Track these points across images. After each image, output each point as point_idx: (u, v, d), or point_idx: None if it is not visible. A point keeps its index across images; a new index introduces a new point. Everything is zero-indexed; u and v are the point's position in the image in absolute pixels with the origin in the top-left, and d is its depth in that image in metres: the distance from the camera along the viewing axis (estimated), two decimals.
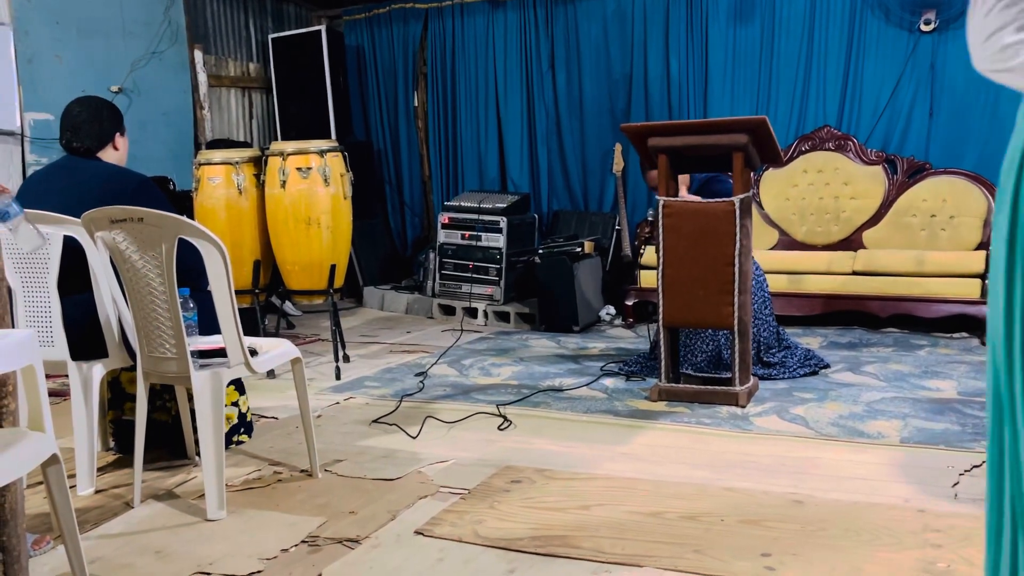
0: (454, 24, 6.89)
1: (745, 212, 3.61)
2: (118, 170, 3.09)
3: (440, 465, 3.02)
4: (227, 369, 2.66)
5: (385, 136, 7.33)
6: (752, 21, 5.90)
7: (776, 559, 2.22)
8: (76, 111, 3.07)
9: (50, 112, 5.27)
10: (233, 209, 4.49)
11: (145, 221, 2.54)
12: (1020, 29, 1.22)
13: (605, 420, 3.52)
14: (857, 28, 5.63)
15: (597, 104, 6.45)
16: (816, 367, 4.13)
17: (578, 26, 6.44)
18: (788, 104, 5.87)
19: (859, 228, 5.53)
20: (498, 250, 5.89)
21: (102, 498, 2.81)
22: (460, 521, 2.51)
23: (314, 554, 2.34)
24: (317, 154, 4.45)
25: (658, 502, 2.62)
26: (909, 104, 5.54)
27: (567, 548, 2.31)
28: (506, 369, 4.44)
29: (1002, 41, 1.24)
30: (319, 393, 4.03)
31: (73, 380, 2.84)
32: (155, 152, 5.97)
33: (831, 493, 2.65)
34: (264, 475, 2.98)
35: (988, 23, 1.25)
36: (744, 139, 3.58)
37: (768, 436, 3.24)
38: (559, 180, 6.69)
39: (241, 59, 7.03)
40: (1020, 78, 1.24)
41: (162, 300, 2.59)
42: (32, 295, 2.84)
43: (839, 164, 5.62)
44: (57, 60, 5.49)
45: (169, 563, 2.32)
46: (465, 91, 6.91)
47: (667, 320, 3.73)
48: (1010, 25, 1.23)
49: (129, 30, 5.96)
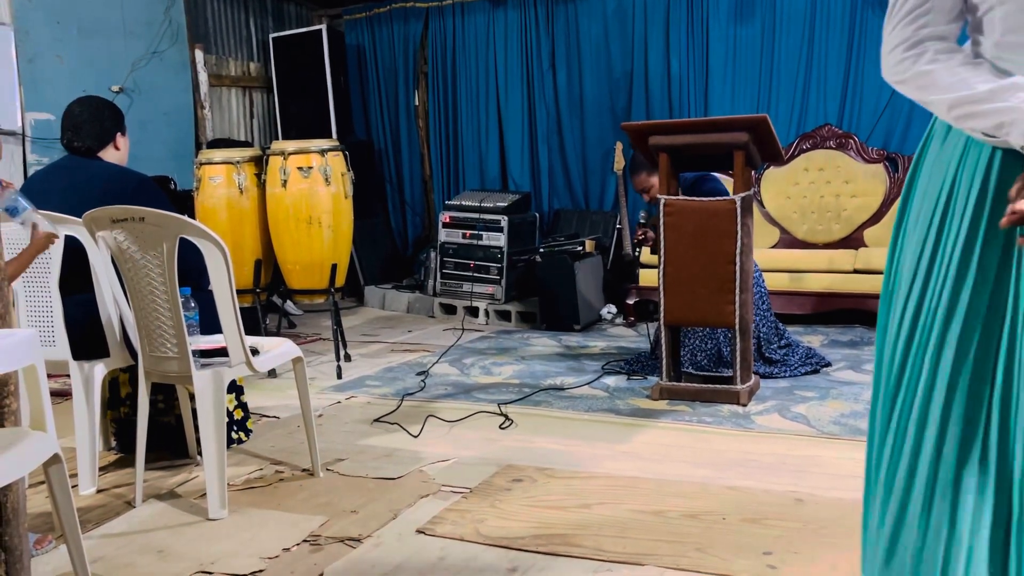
0: (455, 23, 6.89)
1: (746, 210, 3.61)
2: (119, 170, 3.09)
3: (441, 464, 3.02)
4: (228, 368, 2.67)
5: (386, 135, 7.33)
6: (753, 19, 5.90)
7: (777, 557, 2.22)
8: (77, 111, 3.07)
9: (51, 112, 5.27)
10: (234, 208, 4.49)
11: (146, 220, 2.54)
12: (912, 46, 1.39)
13: (606, 419, 3.52)
14: (858, 26, 5.62)
15: (598, 103, 6.45)
16: (817, 365, 4.13)
17: (579, 25, 6.44)
18: (789, 102, 5.86)
19: (860, 226, 5.52)
20: (499, 249, 5.89)
21: (104, 497, 2.81)
22: (461, 520, 2.51)
23: (316, 553, 2.34)
24: (318, 153, 4.45)
25: (660, 501, 2.62)
26: (910, 102, 5.42)
27: (568, 547, 2.32)
28: (507, 368, 4.44)
29: (898, 55, 1.41)
30: (320, 392, 4.03)
31: (75, 380, 2.85)
32: (156, 152, 5.97)
33: (832, 491, 2.65)
34: (266, 474, 2.98)
35: (892, 38, 1.42)
36: (745, 137, 3.58)
37: (769, 434, 3.24)
38: (560, 179, 6.69)
39: (242, 58, 7.03)
40: (911, 89, 1.42)
41: (163, 299, 2.59)
42: (34, 295, 2.84)
43: (840, 162, 5.61)
44: (58, 60, 5.49)
45: (171, 562, 2.32)
46: (466, 90, 6.91)
47: (668, 319, 3.73)
48: (906, 42, 1.39)
49: (130, 30, 5.96)
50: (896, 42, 1.40)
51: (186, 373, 2.63)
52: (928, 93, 1.39)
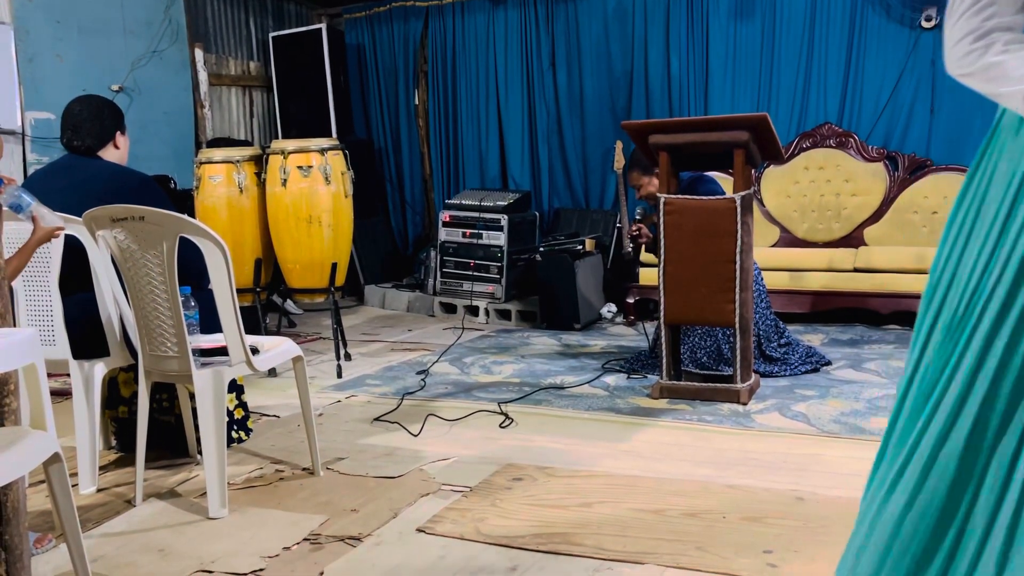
0: (455, 22, 6.89)
1: (746, 209, 3.61)
2: (119, 169, 3.09)
3: (442, 463, 3.02)
4: (229, 367, 2.67)
5: (386, 134, 7.33)
6: (753, 18, 5.90)
7: (778, 556, 2.22)
8: (77, 110, 3.07)
9: (51, 111, 5.27)
10: (234, 208, 4.49)
11: (146, 220, 2.54)
12: (979, 37, 1.35)
13: (607, 418, 3.52)
14: (858, 25, 5.62)
15: (598, 102, 6.45)
16: (817, 364, 4.13)
17: (579, 24, 6.44)
18: (789, 101, 5.86)
19: (860, 225, 5.52)
20: (499, 248, 5.89)
21: (104, 497, 2.81)
22: (462, 519, 2.51)
23: (316, 552, 2.34)
24: (318, 152, 4.45)
25: (660, 499, 2.62)
26: (910, 101, 5.54)
27: (569, 545, 2.32)
28: (507, 367, 4.44)
29: (964, 48, 1.36)
30: (320, 391, 4.03)
31: (75, 379, 2.85)
32: (156, 151, 5.97)
33: (833, 490, 2.65)
34: (266, 473, 2.98)
35: (956, 30, 1.37)
36: (745, 136, 3.57)
37: (770, 433, 3.24)
38: (560, 178, 6.69)
39: (242, 58, 7.03)
40: (979, 82, 1.37)
41: (163, 298, 2.59)
42: (34, 294, 2.84)
43: (840, 161, 5.61)
44: (58, 59, 5.49)
45: (171, 561, 2.32)
46: (466, 89, 6.91)
47: (668, 317, 3.72)
48: (972, 33, 1.35)
49: (130, 29, 5.96)
50: (961, 34, 1.36)
51: (186, 372, 2.62)
52: (998, 85, 1.35)
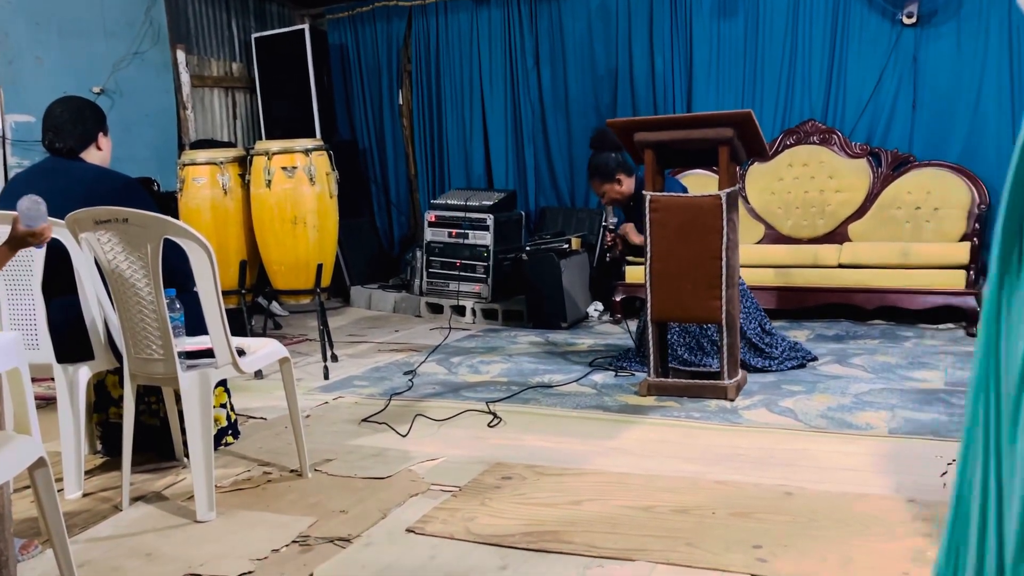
0: (438, 22, 6.87)
1: (731, 206, 3.62)
2: (102, 171, 3.06)
3: (430, 463, 3.01)
4: (215, 370, 2.65)
5: (370, 135, 7.30)
6: (736, 15, 5.92)
7: (767, 551, 2.22)
8: (58, 111, 3.04)
9: (32, 114, 5.22)
10: (218, 209, 4.46)
11: (130, 222, 2.52)
12: None
13: (595, 415, 3.52)
14: (840, 21, 5.65)
15: (582, 100, 6.45)
16: (804, 360, 4.15)
17: (562, 23, 6.44)
18: (773, 98, 5.88)
19: (844, 221, 5.55)
20: (485, 248, 5.89)
21: (90, 501, 2.79)
22: (451, 518, 2.51)
23: (305, 554, 2.33)
24: (302, 153, 4.43)
25: (649, 496, 2.62)
26: (892, 97, 5.57)
27: (559, 543, 2.31)
28: (495, 366, 4.43)
29: None
30: (308, 393, 4.02)
31: (59, 383, 2.82)
32: (139, 153, 5.93)
33: (821, 484, 2.66)
34: (254, 476, 2.97)
35: None
36: (730, 133, 3.59)
37: (757, 429, 3.25)
38: (545, 177, 6.69)
39: (224, 59, 6.99)
40: None
41: (148, 301, 2.57)
42: (17, 298, 2.81)
43: (824, 157, 5.64)
44: (38, 61, 5.44)
45: (159, 565, 2.30)
46: (450, 89, 6.90)
47: (655, 315, 3.73)
48: None
49: (110, 30, 5.91)
50: None
51: (172, 375, 2.61)
52: None
